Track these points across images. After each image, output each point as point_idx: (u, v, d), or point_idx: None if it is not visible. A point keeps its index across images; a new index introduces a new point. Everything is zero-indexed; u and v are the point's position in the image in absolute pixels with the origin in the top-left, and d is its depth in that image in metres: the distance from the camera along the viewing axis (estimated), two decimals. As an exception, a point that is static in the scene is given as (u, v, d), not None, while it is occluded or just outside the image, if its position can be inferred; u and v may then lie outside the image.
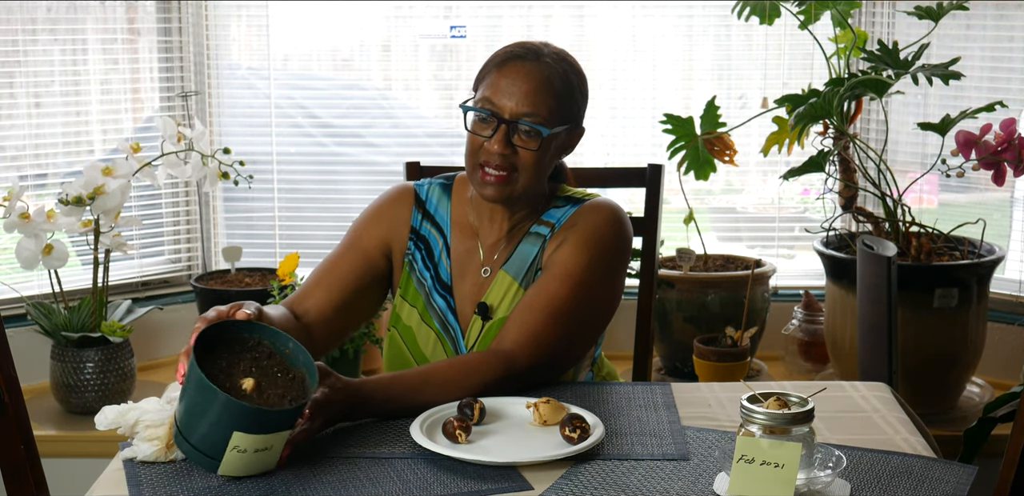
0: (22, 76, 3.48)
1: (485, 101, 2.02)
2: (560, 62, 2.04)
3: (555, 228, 2.10)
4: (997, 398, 2.79)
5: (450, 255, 2.13)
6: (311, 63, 3.87)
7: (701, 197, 3.89)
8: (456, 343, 2.11)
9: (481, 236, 2.13)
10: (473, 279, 2.12)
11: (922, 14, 3.11)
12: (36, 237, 3.05)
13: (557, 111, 2.01)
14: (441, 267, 2.13)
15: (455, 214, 2.15)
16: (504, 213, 2.11)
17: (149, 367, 3.61)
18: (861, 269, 2.64)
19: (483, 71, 2.06)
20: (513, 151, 2.00)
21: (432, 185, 2.19)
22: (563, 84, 2.02)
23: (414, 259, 2.14)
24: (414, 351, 2.12)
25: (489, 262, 2.12)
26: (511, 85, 2.00)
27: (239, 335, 1.71)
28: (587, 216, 2.09)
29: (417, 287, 2.13)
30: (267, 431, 1.60)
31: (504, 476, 1.66)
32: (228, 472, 1.62)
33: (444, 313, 2.11)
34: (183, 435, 1.63)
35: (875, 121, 3.68)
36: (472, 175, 2.05)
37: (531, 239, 2.11)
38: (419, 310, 2.12)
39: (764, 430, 1.56)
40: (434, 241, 2.14)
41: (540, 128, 2.00)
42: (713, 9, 3.73)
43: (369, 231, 2.14)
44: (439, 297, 2.12)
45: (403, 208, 2.16)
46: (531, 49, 2.03)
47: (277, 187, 3.83)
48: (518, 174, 2.02)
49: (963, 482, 1.63)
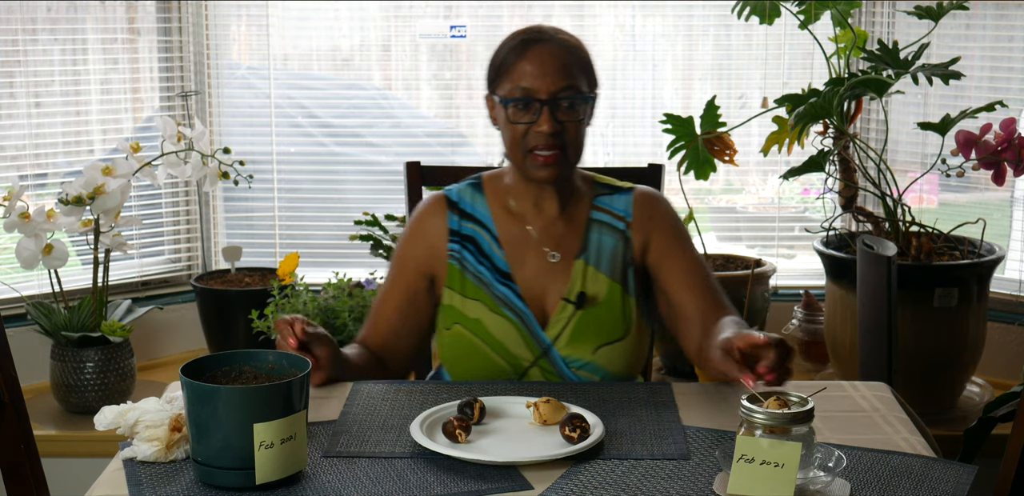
0: (22, 76, 3.48)
1: (518, 89, 2.07)
2: (569, 36, 2.15)
3: (628, 221, 2.19)
4: (997, 398, 2.79)
5: (501, 245, 2.18)
6: (311, 63, 3.87)
7: (701, 197, 3.89)
8: (530, 326, 2.14)
9: (529, 221, 2.19)
10: (536, 265, 2.17)
11: (922, 14, 3.11)
12: (36, 237, 3.05)
13: (587, 78, 2.11)
14: (496, 258, 2.17)
15: (493, 206, 2.20)
16: (551, 195, 2.17)
17: (149, 367, 3.61)
18: (861, 269, 2.64)
19: (499, 66, 2.11)
20: (562, 127, 2.07)
21: (462, 187, 2.24)
22: (582, 54, 2.13)
23: (463, 258, 2.18)
24: (488, 340, 2.15)
25: (553, 247, 2.18)
26: (539, 67, 2.07)
27: (219, 368, 1.71)
28: (653, 204, 2.23)
29: (476, 282, 2.16)
30: (284, 413, 1.60)
31: (504, 476, 1.66)
32: (265, 477, 1.60)
33: (512, 300, 2.15)
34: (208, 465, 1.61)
35: (875, 121, 3.68)
36: (523, 163, 2.11)
37: (603, 230, 2.19)
38: (485, 302, 2.16)
39: (764, 430, 1.56)
40: (480, 237, 2.18)
41: (583, 97, 2.08)
42: (713, 9, 3.73)
43: (411, 251, 2.22)
44: (502, 286, 2.16)
45: (438, 218, 2.21)
46: (539, 31, 2.12)
47: (277, 187, 3.83)
48: (568, 149, 2.10)
49: (963, 482, 1.63)
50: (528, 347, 2.14)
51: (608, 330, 2.14)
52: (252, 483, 1.60)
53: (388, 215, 3.48)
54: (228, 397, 1.58)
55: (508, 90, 2.08)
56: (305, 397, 1.64)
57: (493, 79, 2.12)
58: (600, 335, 2.14)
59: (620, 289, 2.16)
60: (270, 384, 1.61)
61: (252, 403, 1.58)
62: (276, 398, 1.60)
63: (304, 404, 1.64)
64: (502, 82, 2.10)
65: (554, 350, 2.13)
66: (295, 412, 1.61)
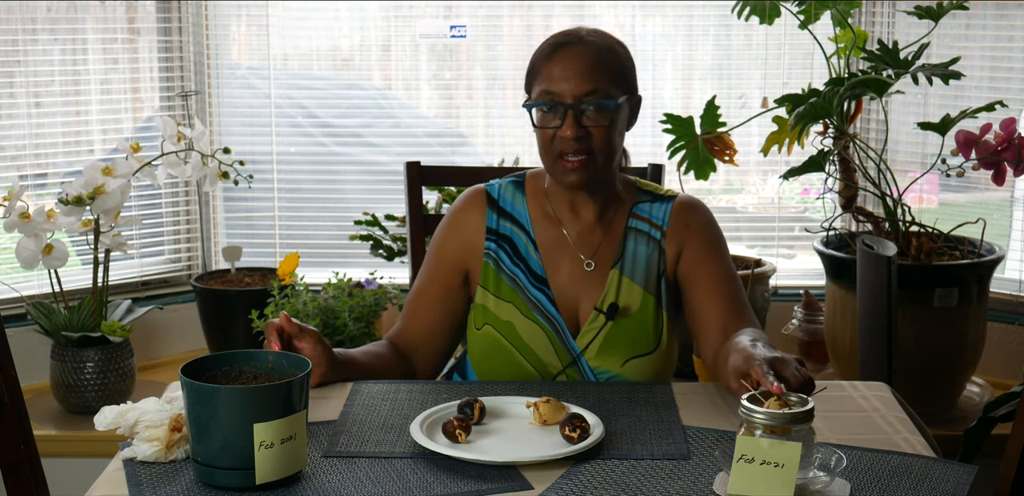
0: (22, 76, 3.48)
1: (544, 93, 2.04)
2: (602, 38, 2.08)
3: (663, 230, 2.15)
4: (997, 398, 2.79)
5: (537, 248, 2.15)
6: (311, 63, 3.87)
7: (701, 197, 3.87)
8: (561, 333, 2.12)
9: (566, 226, 2.16)
10: (571, 271, 2.14)
11: (922, 14, 3.11)
12: (36, 237, 3.05)
13: (616, 83, 2.05)
14: (531, 261, 2.15)
15: (532, 208, 2.17)
16: (587, 200, 2.14)
17: (149, 367, 3.61)
18: (861, 269, 2.64)
19: (532, 69, 2.09)
20: (586, 133, 2.03)
21: (504, 184, 2.20)
22: (613, 56, 2.06)
23: (499, 258, 2.15)
24: (517, 344, 2.12)
25: (588, 254, 2.14)
26: (564, 70, 2.02)
27: (219, 368, 1.71)
28: (693, 215, 2.17)
29: (510, 284, 2.14)
30: (284, 413, 1.60)
31: (504, 476, 1.66)
32: (265, 477, 1.60)
33: (544, 306, 2.13)
34: (208, 465, 1.61)
35: (875, 121, 3.68)
36: (553, 168, 2.07)
37: (639, 238, 2.15)
38: (517, 305, 2.13)
39: (764, 430, 1.55)
40: (517, 238, 2.16)
41: (606, 103, 2.03)
42: (713, 9, 3.73)
43: (447, 247, 2.18)
44: (536, 291, 2.13)
45: (476, 213, 2.18)
46: (571, 34, 2.08)
47: (277, 187, 3.83)
48: (595, 155, 2.04)
49: (963, 482, 1.63)
50: (558, 355, 2.12)
51: (639, 343, 2.11)
52: (252, 483, 1.60)
53: (388, 215, 3.48)
54: (228, 397, 1.58)
55: (536, 94, 2.05)
56: (305, 397, 1.64)
57: (527, 83, 2.10)
58: (630, 348, 2.11)
59: (653, 301, 2.13)
60: (270, 384, 1.61)
61: (252, 403, 1.58)
62: (276, 398, 1.60)
63: (304, 404, 1.64)
64: (533, 86, 2.07)
65: (583, 360, 2.11)
66: (295, 412, 1.61)
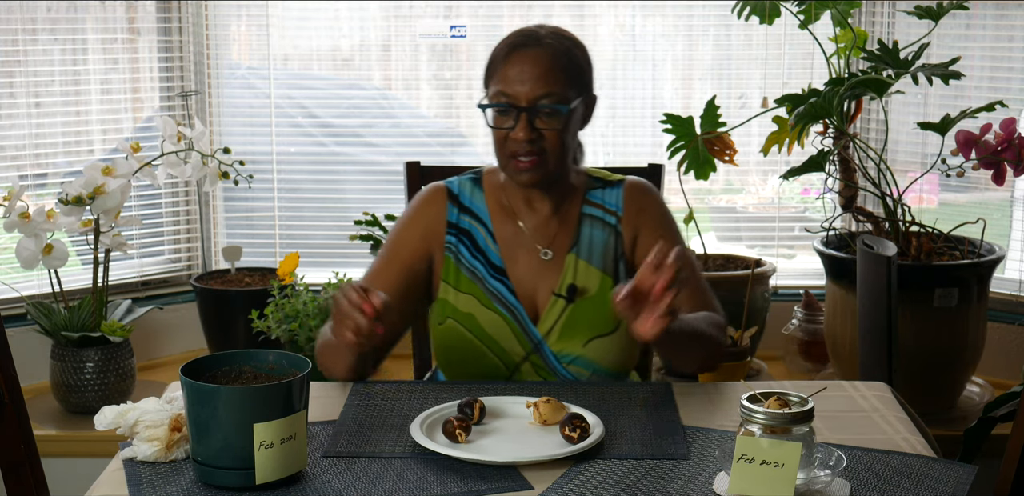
0: (22, 76, 3.48)
1: (500, 95, 2.07)
2: (560, 40, 2.10)
3: (619, 215, 2.18)
4: (997, 398, 2.79)
5: (496, 240, 2.18)
6: (311, 63, 3.87)
7: (701, 197, 3.89)
8: (522, 321, 2.14)
9: (522, 219, 2.19)
10: (528, 261, 2.17)
11: (922, 14, 3.11)
12: (36, 237, 3.05)
13: (570, 86, 2.08)
14: (490, 253, 2.17)
15: (490, 202, 2.20)
16: (541, 195, 2.17)
17: (149, 367, 3.61)
18: (861, 269, 2.64)
19: (489, 68, 2.11)
20: (539, 135, 2.06)
21: (462, 180, 2.24)
22: (569, 60, 2.09)
23: (459, 251, 2.18)
24: (479, 334, 2.14)
25: (545, 244, 2.18)
26: (520, 73, 2.05)
27: (219, 368, 1.71)
28: (643, 197, 2.21)
29: (469, 277, 2.16)
30: (284, 413, 1.60)
31: (504, 476, 1.66)
32: (265, 477, 1.60)
33: (504, 296, 2.15)
34: (208, 465, 1.61)
35: (875, 121, 3.68)
36: (506, 167, 2.11)
37: (594, 223, 2.19)
38: (478, 297, 2.15)
39: (764, 430, 1.56)
40: (476, 231, 2.19)
41: (559, 107, 2.05)
42: (713, 9, 3.73)
43: (407, 236, 2.20)
44: (495, 281, 2.16)
45: (437, 206, 2.20)
46: (530, 35, 2.10)
47: (277, 187, 3.83)
48: (547, 155, 2.08)
49: (963, 482, 1.63)
50: (520, 342, 2.14)
51: (599, 323, 2.14)
52: (252, 483, 1.60)
53: (388, 215, 3.48)
54: (228, 397, 1.58)
55: (492, 95, 2.09)
56: (305, 397, 1.64)
57: (485, 81, 2.13)
58: (591, 328, 2.13)
59: (611, 282, 2.16)
60: (270, 384, 1.61)
61: (252, 403, 1.58)
62: (276, 398, 1.60)
63: (304, 404, 1.64)
64: (489, 85, 2.11)
65: (545, 345, 2.14)
66: (295, 412, 1.61)
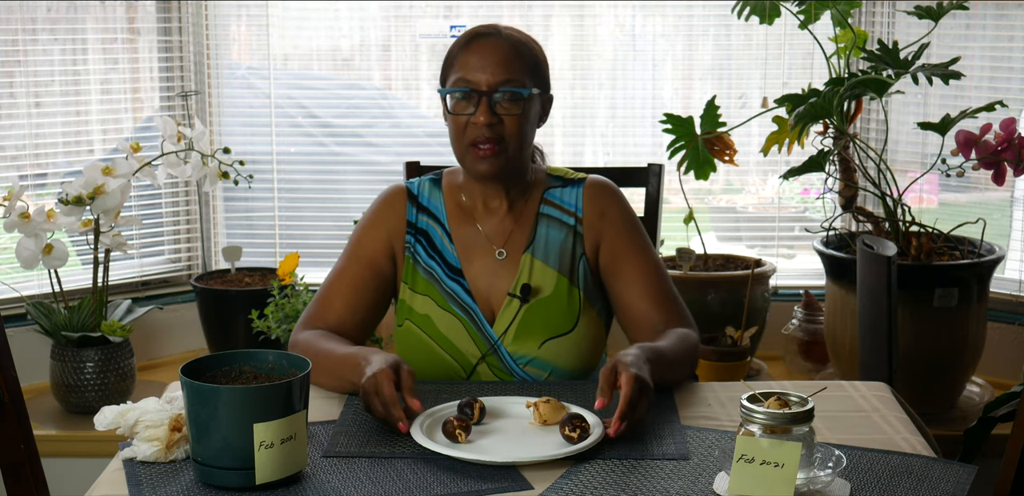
0: (22, 76, 3.48)
1: (460, 81, 2.08)
2: (519, 34, 2.15)
3: (578, 217, 2.18)
4: (997, 398, 2.80)
5: (452, 241, 2.18)
6: (311, 63, 3.87)
7: (701, 197, 3.89)
8: (478, 322, 2.14)
9: (479, 220, 2.19)
10: (484, 261, 2.17)
11: (922, 14, 3.11)
12: (36, 237, 3.05)
13: (530, 74, 2.11)
14: (446, 253, 2.17)
15: (448, 203, 2.20)
16: (498, 193, 2.17)
17: (149, 367, 3.61)
18: (861, 269, 2.64)
19: (447, 59, 2.14)
20: (499, 120, 2.07)
21: (422, 181, 2.25)
22: (528, 51, 2.13)
23: (416, 252, 2.18)
24: (435, 336, 2.14)
25: (501, 244, 2.17)
26: (482, 59, 2.08)
27: (219, 368, 1.71)
28: (604, 199, 2.19)
29: (426, 277, 2.17)
30: (284, 413, 1.60)
31: (504, 476, 1.66)
32: (265, 477, 1.60)
33: (460, 296, 2.15)
34: (208, 465, 1.62)
35: (875, 121, 3.68)
36: (464, 157, 2.11)
37: (551, 223, 2.18)
38: (434, 298, 2.15)
39: (764, 430, 1.56)
40: (433, 231, 2.19)
41: (520, 91, 2.07)
42: (713, 9, 3.73)
43: (370, 236, 2.20)
44: (452, 282, 2.16)
45: (398, 206, 2.21)
46: (489, 27, 2.14)
47: (277, 187, 3.83)
48: (507, 143, 2.08)
49: (963, 482, 1.63)
50: (476, 344, 2.13)
51: (555, 324, 2.13)
52: (252, 483, 1.60)
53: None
54: (228, 397, 1.58)
55: (452, 82, 2.10)
56: (305, 397, 1.64)
57: (443, 73, 2.14)
58: (547, 329, 2.13)
59: (567, 282, 2.15)
60: (270, 384, 1.61)
61: (252, 403, 1.58)
62: (276, 398, 1.60)
63: (304, 404, 1.64)
64: (448, 74, 2.12)
65: (502, 346, 2.13)
66: (295, 412, 1.61)
